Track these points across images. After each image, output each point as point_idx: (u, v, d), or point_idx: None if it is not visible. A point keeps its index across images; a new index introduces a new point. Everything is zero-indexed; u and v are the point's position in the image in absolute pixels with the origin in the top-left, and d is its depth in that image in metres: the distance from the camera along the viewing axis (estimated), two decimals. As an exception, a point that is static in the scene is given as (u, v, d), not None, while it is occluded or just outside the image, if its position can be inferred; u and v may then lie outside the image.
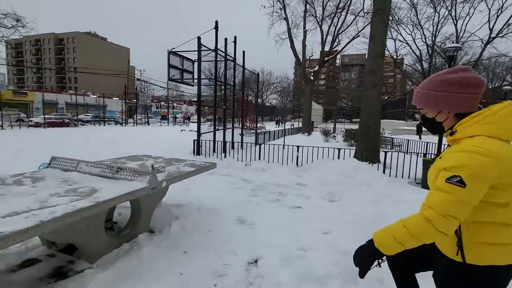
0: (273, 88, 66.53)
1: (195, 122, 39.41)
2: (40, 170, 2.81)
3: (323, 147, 6.91)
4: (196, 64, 10.96)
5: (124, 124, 28.30)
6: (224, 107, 8.81)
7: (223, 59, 9.24)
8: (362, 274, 1.15)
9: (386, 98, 64.60)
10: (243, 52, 10.20)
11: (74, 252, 2.35)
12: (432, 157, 5.49)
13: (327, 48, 18.46)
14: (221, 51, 8.64)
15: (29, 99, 30.96)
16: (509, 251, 0.97)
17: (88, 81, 63.44)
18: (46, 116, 22.17)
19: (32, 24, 12.36)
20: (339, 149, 6.52)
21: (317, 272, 2.12)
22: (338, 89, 35.98)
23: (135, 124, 29.28)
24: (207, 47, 7.96)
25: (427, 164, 4.98)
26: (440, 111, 1.09)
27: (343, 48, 18.36)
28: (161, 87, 44.80)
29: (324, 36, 18.47)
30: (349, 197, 4.45)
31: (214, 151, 8.02)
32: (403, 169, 5.97)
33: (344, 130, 14.01)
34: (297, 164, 6.44)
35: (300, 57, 17.57)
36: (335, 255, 2.41)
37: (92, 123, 27.55)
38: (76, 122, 25.02)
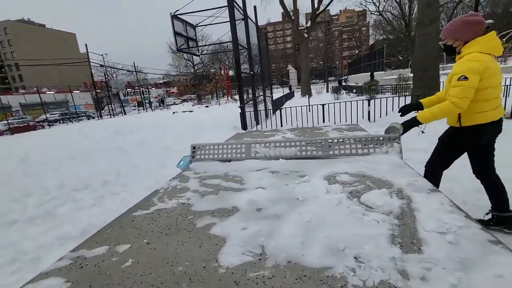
0: (243, 57, 63.61)
1: (171, 104, 37.05)
2: (186, 167, 1.87)
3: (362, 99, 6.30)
4: (198, 30, 9.49)
5: (99, 117, 25.49)
6: (251, 72, 7.69)
7: (233, 19, 7.90)
8: (404, 132, 1.90)
9: (357, 52, 65.14)
10: (254, 7, 8.85)
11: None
12: None
13: (317, 1, 17.11)
14: (238, 6, 7.30)
15: (-25, 106, 26.34)
16: (486, 115, 1.88)
17: (35, 77, 55.68)
18: (8, 121, 19.10)
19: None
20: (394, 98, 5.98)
21: None
22: (332, 46, 34.60)
23: (111, 116, 26.51)
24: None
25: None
26: (456, 40, 1.90)
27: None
28: (128, 71, 40.42)
29: (314, -13, 16.97)
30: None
31: (258, 123, 7.10)
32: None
33: (361, 84, 13.49)
34: (369, 119, 5.83)
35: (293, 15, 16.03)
36: None
37: (62, 122, 24.46)
38: (43, 124, 21.99)
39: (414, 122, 1.93)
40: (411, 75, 17.61)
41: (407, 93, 10.21)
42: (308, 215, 1.02)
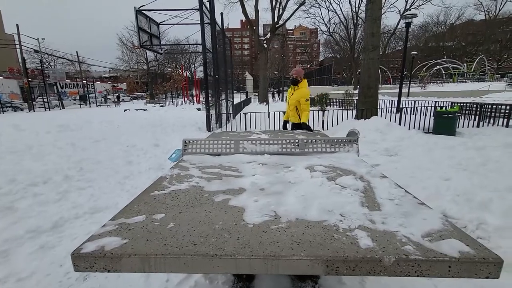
0: (200, 60, 62.55)
1: (124, 102, 34.01)
2: (179, 159, 2.05)
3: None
4: (161, 28, 9.32)
5: (31, 110, 22.21)
6: (217, 76, 7.86)
7: (203, 23, 8.05)
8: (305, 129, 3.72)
9: (308, 66, 70.11)
10: (221, 14, 9.11)
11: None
12: (444, 109, 6.46)
13: (277, 15, 18.20)
14: (207, 9, 7.48)
15: None
16: (308, 116, 3.77)
17: None
18: None
19: None
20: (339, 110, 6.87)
21: None
22: (286, 58, 36.25)
23: (46, 109, 23.34)
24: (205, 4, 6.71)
25: (441, 114, 5.87)
26: (300, 77, 3.75)
27: (293, 13, 18.47)
28: (69, 60, 35.92)
29: (274, 2, 18.02)
30: (403, 150, 4.90)
31: (220, 125, 7.29)
32: (401, 122, 6.87)
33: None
34: (322, 127, 6.57)
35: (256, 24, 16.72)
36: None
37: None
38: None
39: (306, 124, 3.68)
40: (355, 91, 19.97)
41: (352, 107, 11.63)
42: (302, 192, 1.35)
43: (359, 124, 6.23)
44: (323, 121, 6.65)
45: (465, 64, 31.57)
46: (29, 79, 27.34)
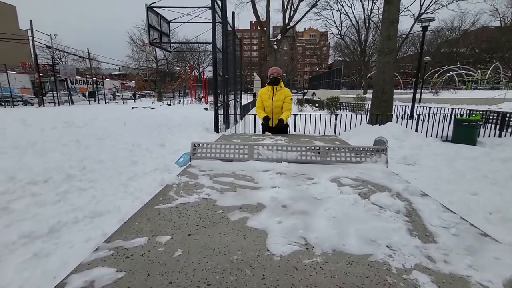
0: (209, 60, 62.70)
1: (128, 99, 34.45)
2: (187, 164, 1.86)
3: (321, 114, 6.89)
4: (171, 26, 9.21)
5: (40, 104, 22.45)
6: (226, 76, 7.69)
7: (214, 21, 7.89)
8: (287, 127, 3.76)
9: (317, 69, 69.67)
10: (233, 13, 8.95)
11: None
12: (464, 117, 6.15)
13: (288, 16, 18.01)
14: (219, 7, 7.32)
15: None
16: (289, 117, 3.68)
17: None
18: None
19: None
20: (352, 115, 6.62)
21: None
22: (295, 60, 35.91)
23: (56, 104, 23.58)
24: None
25: (461, 122, 5.56)
26: (281, 75, 3.48)
27: (305, 15, 18.27)
28: (80, 57, 36.37)
29: (286, 3, 17.85)
30: (421, 159, 4.63)
31: (228, 126, 7.10)
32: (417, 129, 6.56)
33: (322, 99, 14.36)
34: (335, 132, 6.32)
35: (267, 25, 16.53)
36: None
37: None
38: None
39: (283, 121, 3.44)
40: (365, 95, 19.54)
41: (363, 111, 11.31)
42: (333, 212, 1.14)
43: (373, 130, 5.96)
44: (335, 126, 6.41)
45: (479, 71, 30.78)
46: (41, 74, 27.73)
